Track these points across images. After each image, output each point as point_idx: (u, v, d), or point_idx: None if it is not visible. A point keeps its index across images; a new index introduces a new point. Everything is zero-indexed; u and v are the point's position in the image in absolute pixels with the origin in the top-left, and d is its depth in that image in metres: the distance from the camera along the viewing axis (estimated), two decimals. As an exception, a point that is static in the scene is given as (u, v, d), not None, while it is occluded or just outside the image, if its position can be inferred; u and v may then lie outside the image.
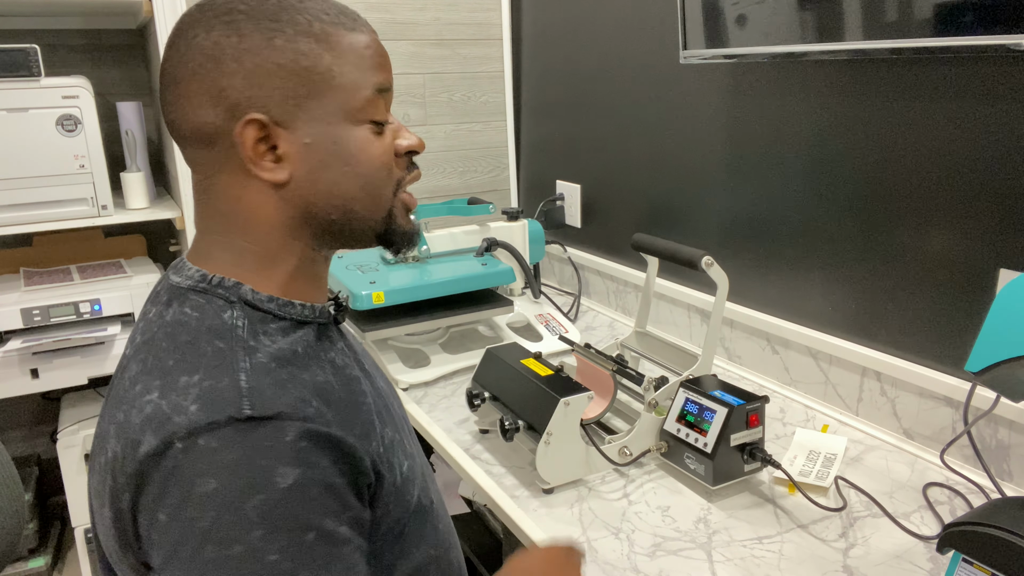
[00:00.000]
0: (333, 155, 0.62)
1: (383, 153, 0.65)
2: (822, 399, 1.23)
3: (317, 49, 0.60)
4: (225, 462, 0.51)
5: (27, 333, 1.46)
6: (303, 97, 0.60)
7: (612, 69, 1.62)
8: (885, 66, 1.06)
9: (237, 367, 0.56)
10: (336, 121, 0.62)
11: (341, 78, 0.61)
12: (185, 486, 0.50)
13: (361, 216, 0.65)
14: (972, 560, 0.70)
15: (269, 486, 0.51)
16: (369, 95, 0.63)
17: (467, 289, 1.44)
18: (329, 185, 0.63)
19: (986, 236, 0.98)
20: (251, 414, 0.53)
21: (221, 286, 0.62)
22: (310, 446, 0.54)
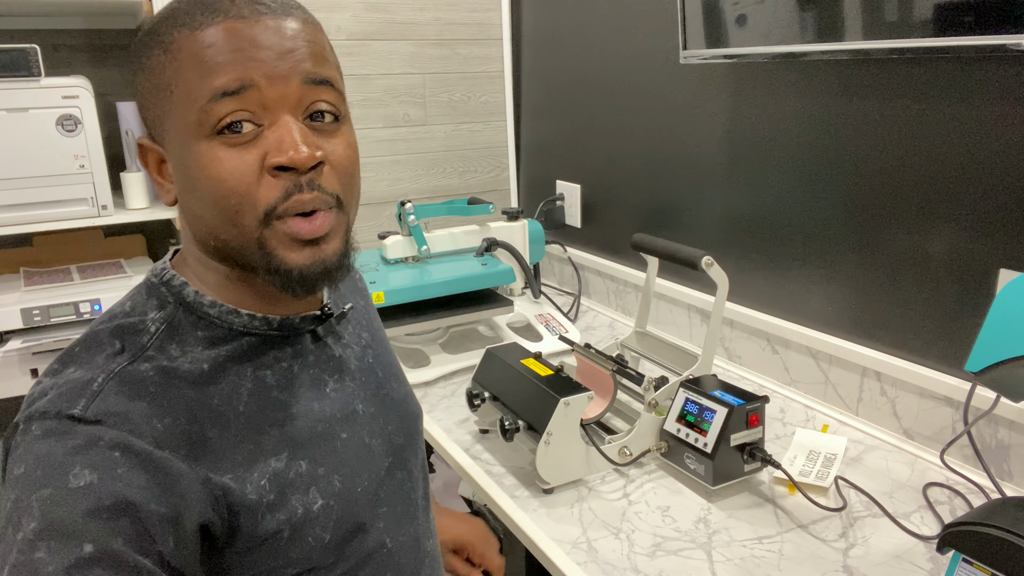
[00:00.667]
0: (187, 177, 0.56)
1: (233, 172, 0.54)
2: (822, 399, 1.23)
3: (163, 60, 0.56)
4: (36, 451, 0.50)
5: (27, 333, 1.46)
6: (162, 116, 0.57)
7: (612, 69, 1.62)
8: (885, 66, 1.06)
9: (108, 369, 0.54)
10: (184, 139, 0.55)
11: (178, 89, 0.55)
12: (10, 465, 0.51)
13: (233, 248, 0.57)
14: (972, 560, 0.70)
15: (59, 482, 0.48)
16: (203, 103, 0.54)
17: (467, 289, 1.44)
18: (193, 209, 0.58)
19: (986, 236, 0.98)
20: (77, 414, 0.51)
21: (168, 284, 0.60)
22: (123, 458, 0.50)
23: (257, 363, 0.61)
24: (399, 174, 1.95)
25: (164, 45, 0.55)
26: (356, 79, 1.84)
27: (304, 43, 0.57)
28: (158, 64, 0.56)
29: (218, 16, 0.54)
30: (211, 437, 0.56)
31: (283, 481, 0.58)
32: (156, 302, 0.60)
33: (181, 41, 0.55)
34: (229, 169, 0.54)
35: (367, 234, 1.93)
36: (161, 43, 0.56)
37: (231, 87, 0.53)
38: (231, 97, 0.53)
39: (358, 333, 0.73)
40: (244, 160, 0.54)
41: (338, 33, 1.79)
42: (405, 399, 0.75)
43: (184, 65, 0.54)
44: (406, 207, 1.51)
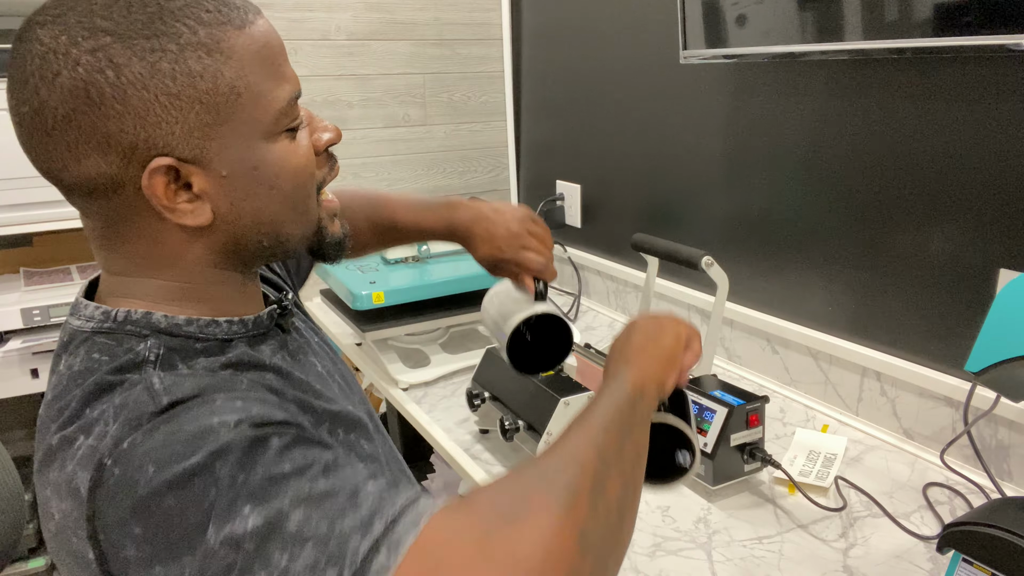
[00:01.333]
0: (255, 181, 0.55)
1: (306, 161, 0.58)
2: (822, 399, 1.23)
3: (212, 64, 0.51)
4: (153, 445, 0.45)
5: (27, 333, 1.46)
6: (210, 126, 0.51)
7: (612, 69, 1.62)
8: (885, 66, 1.06)
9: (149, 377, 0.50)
10: (253, 143, 0.54)
11: (248, 92, 0.52)
12: (131, 485, 0.44)
13: (293, 235, 0.60)
14: (972, 560, 0.70)
15: (210, 434, 0.45)
16: (283, 105, 0.54)
17: (467, 289, 1.44)
18: (255, 213, 0.56)
19: (986, 236, 0.98)
20: (169, 400, 0.47)
21: (128, 321, 0.54)
22: (245, 405, 0.48)
23: (260, 367, 0.59)
24: (399, 174, 1.95)
25: (216, 51, 0.51)
26: (356, 79, 1.84)
27: None
28: (207, 70, 0.50)
29: (248, 11, 0.54)
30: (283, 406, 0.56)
31: None
32: (133, 339, 0.53)
33: (238, 43, 0.51)
34: (305, 155, 0.58)
35: (367, 234, 1.93)
36: (207, 48, 0.50)
37: (296, 89, 0.56)
38: (297, 98, 0.57)
39: (298, 315, 0.74)
40: (304, 147, 0.58)
41: (338, 33, 1.79)
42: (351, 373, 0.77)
43: (252, 68, 0.52)
44: (406, 207, 1.51)
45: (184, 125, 0.51)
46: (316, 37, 1.77)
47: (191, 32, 0.50)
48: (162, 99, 0.49)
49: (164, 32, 0.49)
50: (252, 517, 0.42)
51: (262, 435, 0.46)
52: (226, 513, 0.42)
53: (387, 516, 0.43)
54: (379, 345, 1.39)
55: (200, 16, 0.50)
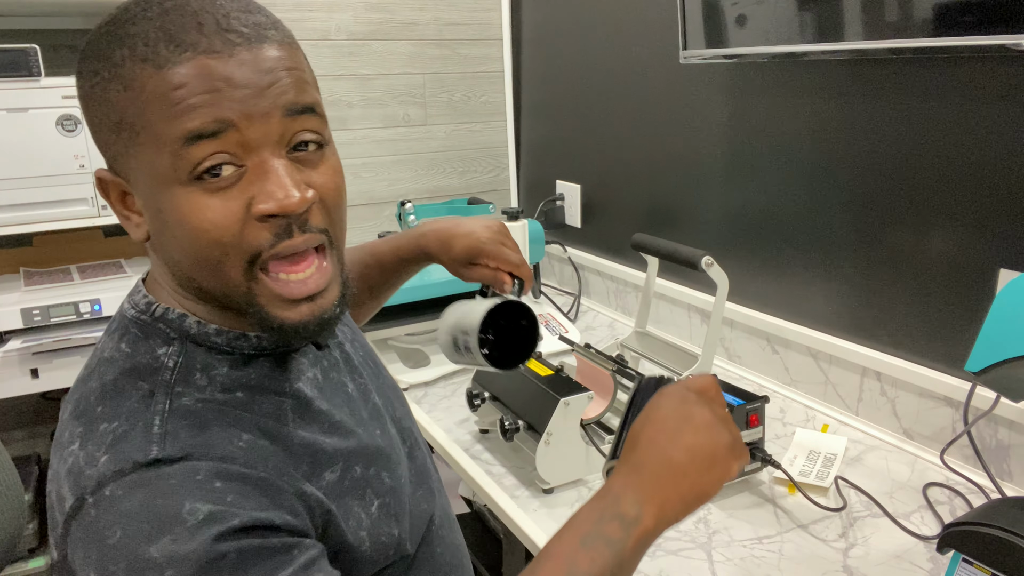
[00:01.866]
0: (162, 223, 0.51)
1: (216, 223, 0.50)
2: (822, 399, 1.23)
3: (122, 96, 0.49)
4: (127, 509, 0.46)
5: (27, 333, 1.46)
6: (125, 155, 0.51)
7: (612, 69, 1.62)
8: (885, 66, 1.06)
9: (154, 410, 0.50)
10: (157, 183, 0.50)
11: (144, 132, 0.49)
12: (99, 540, 0.46)
13: (217, 295, 0.54)
14: (972, 560, 0.70)
15: (175, 525, 0.45)
16: (177, 148, 0.48)
17: (467, 289, 1.44)
18: (171, 252, 0.53)
19: (986, 236, 0.98)
20: (157, 456, 0.48)
21: (164, 319, 0.55)
22: (225, 487, 0.48)
23: (286, 380, 0.58)
24: (399, 174, 1.95)
25: (124, 80, 0.49)
26: (356, 79, 1.84)
27: (284, 72, 0.51)
28: (116, 100, 0.50)
29: (186, 51, 0.48)
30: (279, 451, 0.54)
31: (340, 490, 0.58)
32: (159, 340, 0.54)
33: (144, 80, 0.48)
34: (211, 219, 0.49)
35: (367, 234, 1.93)
36: (119, 77, 0.49)
37: (207, 129, 0.48)
38: (207, 140, 0.48)
39: (342, 330, 0.72)
40: (227, 207, 0.50)
41: (338, 33, 1.79)
42: (394, 383, 0.77)
43: (149, 107, 0.48)
44: (406, 207, 1.51)
45: (113, 147, 0.52)
46: (316, 37, 1.77)
47: (122, 62, 0.49)
48: (97, 118, 0.52)
49: (108, 57, 0.50)
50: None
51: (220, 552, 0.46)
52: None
53: None
54: (379, 345, 1.39)
55: (136, 47, 0.49)
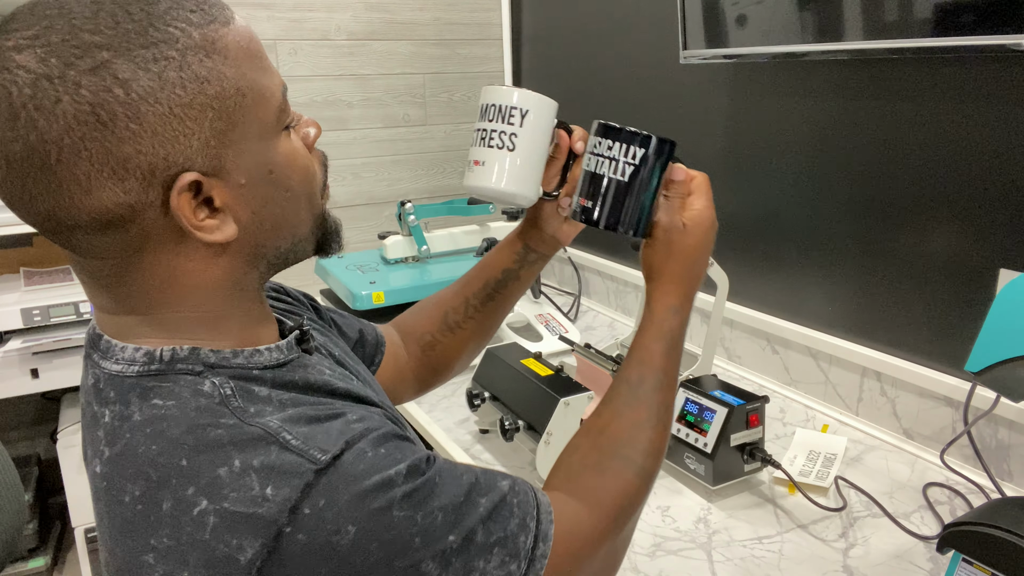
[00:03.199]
0: (272, 185, 0.53)
1: (306, 157, 0.56)
2: (822, 399, 1.23)
3: (214, 65, 0.48)
4: (343, 504, 0.45)
5: (27, 333, 1.46)
6: (224, 132, 0.49)
7: (612, 69, 1.62)
8: (885, 66, 1.06)
9: (267, 429, 0.48)
10: (262, 145, 0.52)
11: (251, 92, 0.50)
12: (329, 554, 0.45)
13: (307, 235, 0.58)
14: (972, 560, 0.70)
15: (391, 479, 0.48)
16: (280, 101, 0.53)
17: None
18: (275, 218, 0.54)
19: (986, 236, 0.98)
20: (327, 458, 0.47)
21: (176, 360, 0.51)
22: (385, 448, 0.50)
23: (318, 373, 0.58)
24: (399, 174, 1.95)
25: (214, 51, 0.48)
26: (356, 79, 1.84)
27: None
28: (211, 73, 0.48)
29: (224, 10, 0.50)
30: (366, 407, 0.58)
31: None
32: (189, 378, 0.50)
33: (224, 38, 0.48)
34: (303, 153, 0.56)
35: (367, 234, 1.93)
36: (206, 49, 0.47)
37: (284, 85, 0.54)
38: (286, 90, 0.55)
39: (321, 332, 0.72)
40: (299, 144, 0.56)
41: (338, 33, 1.79)
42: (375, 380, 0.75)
43: (243, 63, 0.49)
44: (406, 207, 1.51)
45: (200, 136, 0.48)
46: (316, 37, 1.77)
47: (186, 36, 0.47)
48: (176, 111, 0.46)
49: (161, 39, 0.46)
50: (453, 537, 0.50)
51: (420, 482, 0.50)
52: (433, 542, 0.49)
53: (530, 513, 0.54)
54: (379, 345, 1.39)
55: (188, 17, 0.47)
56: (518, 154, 0.66)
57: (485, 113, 0.67)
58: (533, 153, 0.66)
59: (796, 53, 1.09)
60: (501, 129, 0.66)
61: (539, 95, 0.68)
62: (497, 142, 0.66)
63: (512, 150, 0.66)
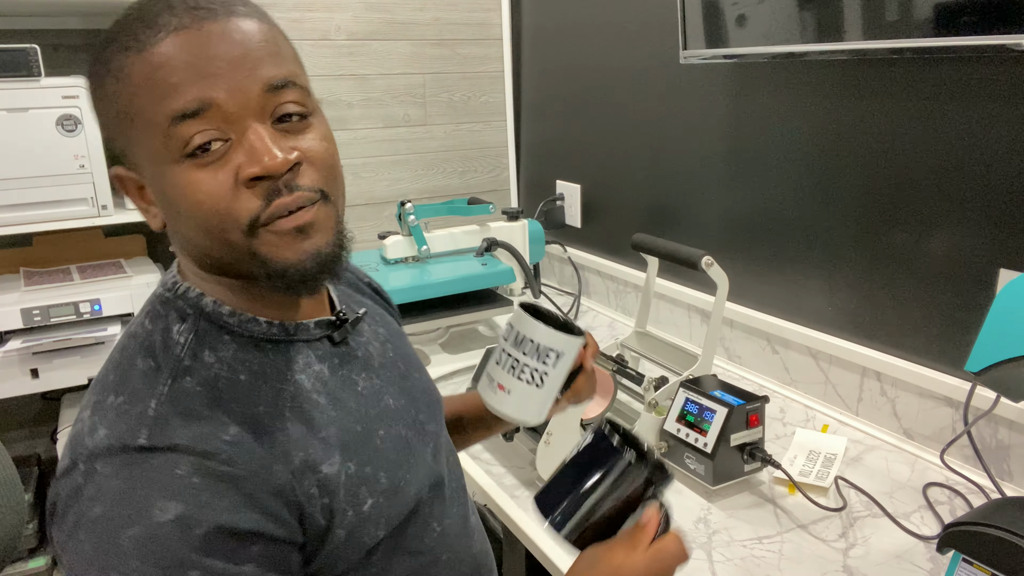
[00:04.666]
0: (167, 203, 0.55)
1: (209, 194, 0.53)
2: (822, 399, 1.23)
3: (115, 88, 0.53)
4: (111, 489, 0.49)
5: (27, 333, 1.46)
6: (130, 147, 0.55)
7: (612, 69, 1.62)
8: (885, 66, 1.06)
9: (154, 392, 0.53)
10: (156, 166, 0.54)
11: (138, 117, 0.53)
12: (79, 509, 0.49)
13: (228, 263, 0.57)
14: (972, 560, 0.70)
15: (145, 519, 0.48)
16: (165, 128, 0.52)
17: (467, 289, 1.44)
18: (181, 231, 0.57)
19: (986, 236, 0.98)
20: (144, 444, 0.51)
21: (184, 297, 0.59)
22: (204, 484, 0.50)
23: (291, 370, 0.60)
24: (399, 174, 1.95)
25: (114, 72, 0.53)
26: (356, 79, 1.84)
27: (256, 44, 0.54)
28: (112, 92, 0.53)
29: (159, 31, 0.51)
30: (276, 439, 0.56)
31: (334, 485, 0.58)
32: (176, 315, 0.58)
33: (129, 66, 0.52)
34: (205, 191, 0.53)
35: (367, 234, 1.93)
36: (110, 71, 0.53)
37: (189, 108, 0.51)
38: (191, 119, 0.51)
39: (375, 330, 0.73)
40: (217, 179, 0.53)
41: (338, 33, 1.79)
42: (428, 387, 0.76)
43: (138, 91, 0.52)
44: (406, 207, 1.51)
45: (121, 141, 0.55)
46: (316, 37, 1.77)
47: (111, 57, 0.53)
48: (104, 117, 0.55)
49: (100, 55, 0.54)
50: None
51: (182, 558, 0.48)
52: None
53: None
54: (379, 345, 1.39)
55: (119, 38, 0.53)
56: (544, 391, 0.69)
57: (520, 343, 0.68)
58: (556, 387, 0.70)
59: (796, 53, 1.09)
60: (533, 367, 0.68)
61: (575, 338, 0.69)
62: (527, 377, 0.68)
63: (540, 387, 0.68)
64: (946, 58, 0.98)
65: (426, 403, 0.73)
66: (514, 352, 0.68)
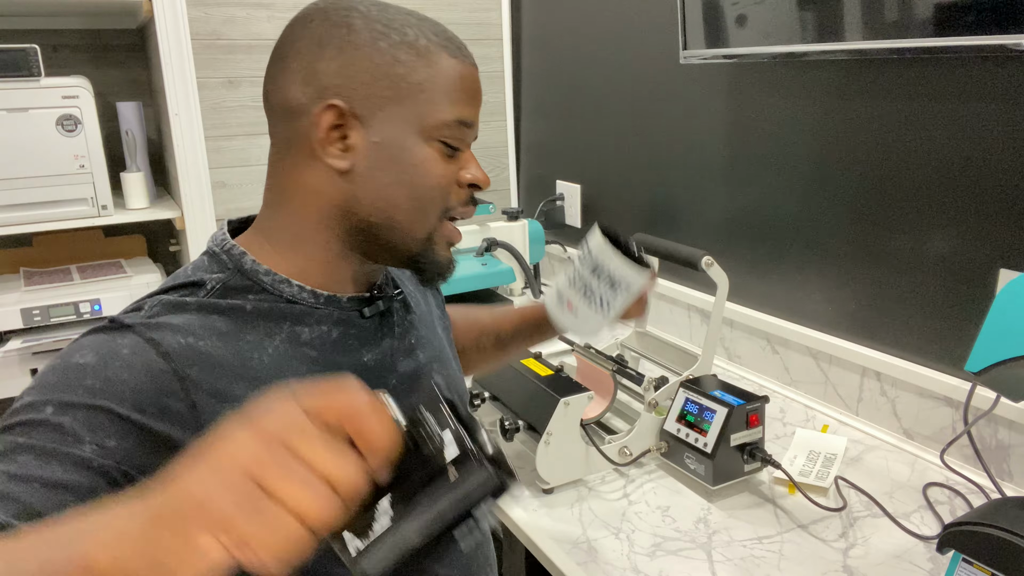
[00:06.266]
0: (395, 160, 0.63)
1: (443, 176, 0.65)
2: (822, 399, 1.23)
3: (415, 61, 0.63)
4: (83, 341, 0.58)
5: (27, 333, 1.46)
6: (386, 99, 0.62)
7: (612, 69, 1.62)
8: (885, 66, 1.06)
9: (166, 300, 0.61)
10: (410, 131, 0.63)
11: (428, 94, 0.63)
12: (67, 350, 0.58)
13: (400, 228, 0.65)
14: (972, 560, 0.70)
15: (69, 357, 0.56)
16: (449, 120, 0.64)
17: (467, 289, 1.44)
18: (381, 186, 0.64)
19: (986, 236, 0.98)
20: (119, 318, 0.59)
21: (227, 252, 0.65)
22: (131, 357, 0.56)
23: (297, 321, 0.65)
24: (399, 174, 1.94)
25: (418, 50, 0.63)
26: (356, 79, 1.83)
27: None
28: (405, 59, 0.62)
29: (464, 56, 0.65)
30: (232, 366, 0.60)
31: None
32: (216, 266, 0.65)
33: (442, 60, 0.64)
34: (442, 172, 0.65)
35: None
36: (412, 47, 0.63)
37: (468, 120, 0.65)
38: (465, 127, 0.65)
39: (404, 315, 0.75)
40: (450, 169, 0.66)
41: (338, 33, 1.79)
42: (449, 380, 0.78)
43: (442, 82, 0.63)
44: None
45: (369, 88, 0.62)
46: (316, 37, 1.77)
47: (414, 37, 0.63)
48: (365, 62, 0.62)
49: (397, 28, 0.63)
50: None
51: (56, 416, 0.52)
52: None
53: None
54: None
55: (428, 34, 0.64)
56: (608, 315, 0.76)
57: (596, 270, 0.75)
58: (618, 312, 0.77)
59: (796, 53, 1.09)
60: (603, 294, 0.75)
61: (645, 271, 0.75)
62: (596, 301, 0.75)
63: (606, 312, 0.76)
64: (946, 58, 0.98)
65: None
66: (588, 277, 0.73)
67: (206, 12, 1.61)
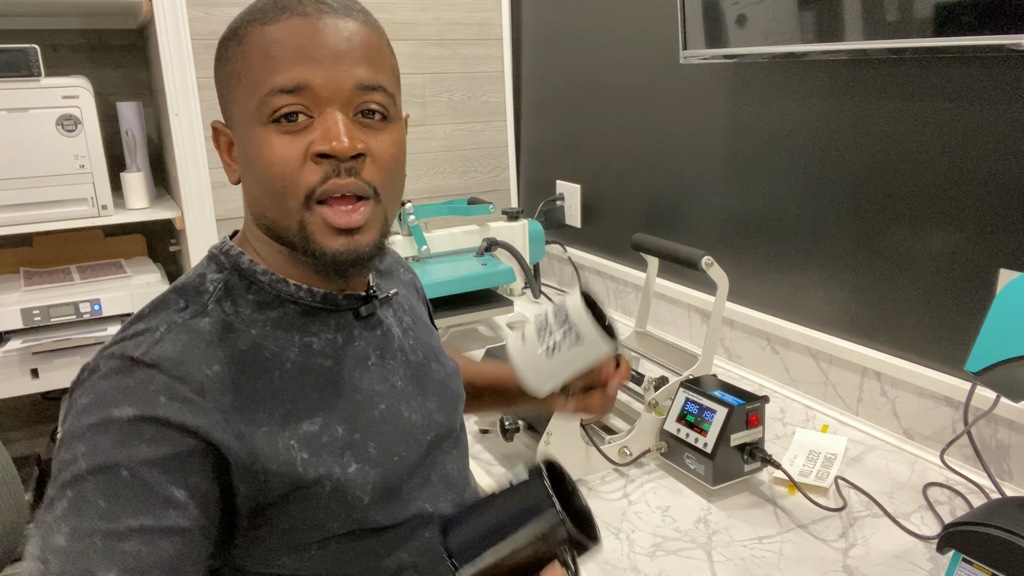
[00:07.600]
0: (247, 158, 0.62)
1: (283, 158, 0.59)
2: (822, 399, 1.23)
3: (236, 51, 0.61)
4: (97, 385, 0.56)
5: (27, 333, 1.46)
6: (231, 103, 0.63)
7: (612, 69, 1.62)
8: (885, 66, 1.06)
9: (170, 320, 0.60)
10: (248, 124, 0.61)
11: (245, 79, 0.60)
12: (73, 398, 0.57)
13: (276, 226, 0.62)
14: (972, 560, 0.70)
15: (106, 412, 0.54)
16: (263, 95, 0.58)
17: (467, 289, 1.44)
18: (249, 188, 0.63)
19: (986, 236, 0.98)
20: (136, 356, 0.56)
21: (227, 253, 0.66)
22: (169, 402, 0.55)
23: (305, 331, 0.65)
24: (399, 174, 1.94)
25: (239, 38, 0.61)
26: (356, 79, 1.84)
27: (360, 46, 0.60)
28: (232, 55, 0.61)
29: (285, 13, 0.59)
30: (256, 389, 0.60)
31: (315, 443, 0.61)
32: (215, 267, 0.66)
33: (252, 35, 0.60)
34: (278, 154, 0.59)
35: (367, 234, 1.92)
36: (237, 36, 0.61)
37: (288, 85, 0.58)
38: (288, 94, 0.58)
39: (400, 317, 0.75)
40: (293, 147, 0.59)
41: (338, 33, 1.79)
42: (446, 380, 0.77)
43: (252, 57, 0.60)
44: (406, 207, 1.51)
45: (227, 99, 0.63)
46: (316, 37, 1.77)
47: (240, 25, 0.61)
48: (218, 77, 0.63)
49: (233, 27, 0.62)
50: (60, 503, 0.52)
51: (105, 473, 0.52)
52: None
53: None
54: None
55: (252, 12, 0.61)
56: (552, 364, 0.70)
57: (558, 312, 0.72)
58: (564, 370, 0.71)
59: (796, 53, 1.09)
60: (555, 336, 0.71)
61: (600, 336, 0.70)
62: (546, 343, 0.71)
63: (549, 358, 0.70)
64: (946, 58, 0.98)
65: (439, 394, 0.75)
66: (550, 316, 0.72)
67: (206, 12, 1.62)
